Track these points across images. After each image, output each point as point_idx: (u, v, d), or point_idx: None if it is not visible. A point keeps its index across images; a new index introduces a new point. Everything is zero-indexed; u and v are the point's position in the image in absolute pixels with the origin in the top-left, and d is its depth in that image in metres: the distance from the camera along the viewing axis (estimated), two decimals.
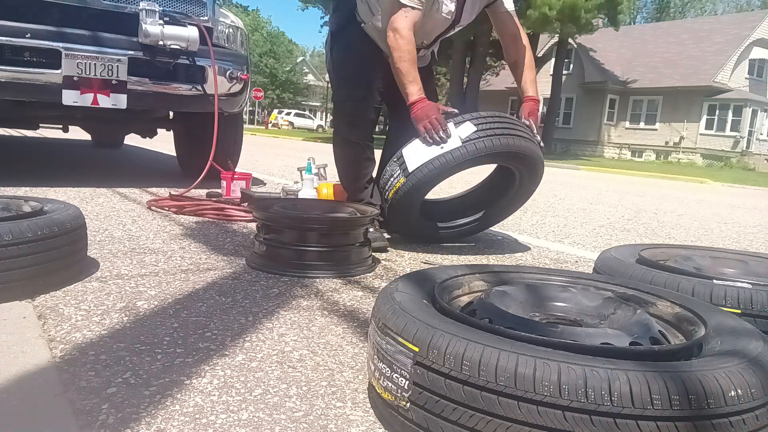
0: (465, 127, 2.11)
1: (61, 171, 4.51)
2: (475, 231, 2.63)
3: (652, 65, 26.03)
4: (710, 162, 23.16)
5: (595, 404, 0.73)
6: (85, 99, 3.19)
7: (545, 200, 5.10)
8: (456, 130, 2.12)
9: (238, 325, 1.38)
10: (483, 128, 2.12)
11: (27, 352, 1.14)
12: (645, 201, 6.16)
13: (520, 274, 1.28)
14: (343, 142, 2.49)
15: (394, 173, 2.18)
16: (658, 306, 1.13)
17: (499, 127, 2.15)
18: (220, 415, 0.96)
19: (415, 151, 2.14)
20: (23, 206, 1.65)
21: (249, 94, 4.08)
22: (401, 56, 2.14)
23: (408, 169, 2.13)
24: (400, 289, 1.04)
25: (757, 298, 1.28)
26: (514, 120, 2.26)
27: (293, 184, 3.12)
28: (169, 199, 3.00)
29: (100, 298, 1.49)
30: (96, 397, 0.98)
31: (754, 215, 5.55)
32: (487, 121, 2.15)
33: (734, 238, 3.69)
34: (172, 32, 3.31)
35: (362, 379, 1.13)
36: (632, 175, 13.47)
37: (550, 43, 25.60)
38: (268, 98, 45.74)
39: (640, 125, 26.31)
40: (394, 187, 2.18)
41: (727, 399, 0.74)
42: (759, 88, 25.07)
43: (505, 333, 0.86)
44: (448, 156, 2.09)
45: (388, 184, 2.21)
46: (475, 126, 2.12)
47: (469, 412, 0.79)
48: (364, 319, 1.49)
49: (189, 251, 2.09)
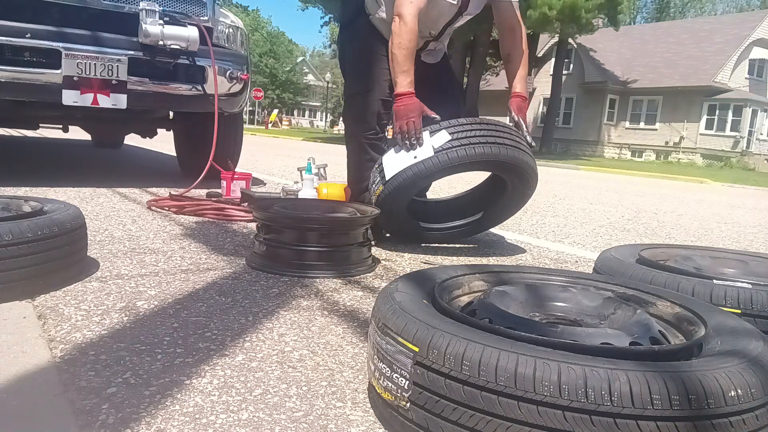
0: (440, 136, 2.08)
1: (61, 171, 4.51)
2: (469, 234, 2.62)
3: (652, 65, 26.03)
4: (710, 162, 23.17)
5: (595, 404, 0.73)
6: (85, 99, 3.19)
7: (545, 200, 5.10)
8: (430, 139, 2.08)
9: (238, 325, 1.38)
10: (458, 137, 2.07)
11: (27, 352, 1.14)
12: (645, 201, 6.16)
13: (520, 274, 1.28)
14: (349, 138, 2.49)
15: (375, 180, 2.19)
16: (658, 306, 1.13)
17: (477, 135, 2.09)
18: (220, 415, 0.96)
19: (392, 159, 2.13)
20: (23, 206, 1.65)
21: (249, 94, 4.08)
22: (400, 43, 2.09)
23: (385, 177, 2.13)
24: (400, 289, 1.04)
25: (757, 298, 1.28)
26: (498, 126, 2.19)
27: (293, 184, 3.12)
28: (169, 199, 3.00)
29: (100, 298, 1.49)
30: (96, 397, 0.98)
31: (754, 215, 5.55)
32: (464, 129, 2.10)
33: (734, 238, 3.69)
34: (172, 32, 3.31)
35: (362, 379, 1.13)
36: (632, 175, 13.47)
37: (550, 43, 25.61)
38: (268, 98, 45.75)
39: (640, 125, 26.33)
40: (375, 193, 2.19)
41: (727, 399, 0.74)
42: (759, 88, 25.08)
43: (505, 333, 0.86)
44: (420, 166, 2.07)
45: (372, 190, 2.22)
46: (450, 135, 2.07)
47: (469, 412, 0.79)
48: (364, 319, 1.49)
49: (189, 251, 2.09)
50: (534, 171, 2.29)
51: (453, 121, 2.13)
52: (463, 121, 2.14)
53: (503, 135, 2.16)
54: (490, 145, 2.10)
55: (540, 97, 27.07)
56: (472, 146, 2.07)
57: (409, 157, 2.09)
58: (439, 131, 2.10)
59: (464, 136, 2.08)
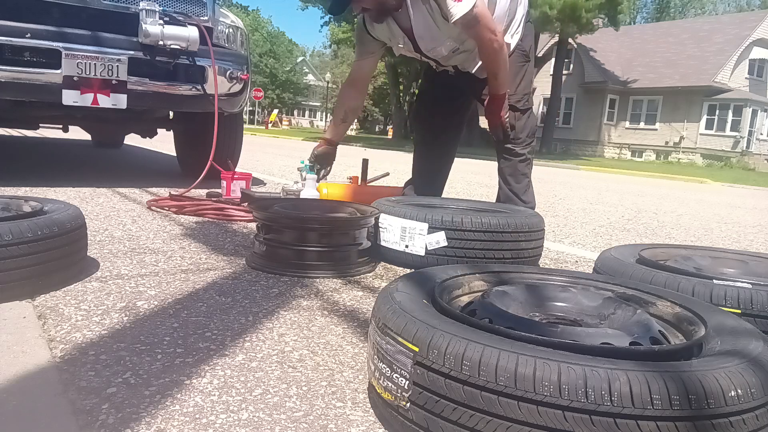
0: (437, 237, 1.92)
1: (61, 171, 4.51)
2: None
3: (652, 65, 26.04)
4: (710, 162, 23.17)
5: (595, 404, 0.73)
6: (85, 99, 3.19)
7: (545, 200, 5.10)
8: (425, 238, 1.92)
9: (238, 325, 1.38)
10: (456, 246, 1.89)
11: (27, 352, 1.14)
12: (645, 201, 6.16)
13: (520, 274, 1.28)
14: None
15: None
16: (658, 306, 1.13)
17: (476, 248, 1.90)
18: (220, 415, 0.96)
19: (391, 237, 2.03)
20: (23, 206, 1.65)
21: (249, 94, 4.08)
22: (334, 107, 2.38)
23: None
24: (400, 289, 1.04)
25: (757, 298, 1.28)
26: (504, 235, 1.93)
27: (293, 184, 3.11)
28: (169, 199, 3.00)
29: (100, 298, 1.49)
30: (96, 397, 0.98)
31: (754, 215, 5.55)
32: (465, 239, 1.88)
33: (734, 238, 3.69)
34: (172, 32, 3.31)
35: (362, 379, 1.13)
36: (632, 175, 13.48)
37: (550, 43, 25.60)
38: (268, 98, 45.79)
39: (640, 125, 26.33)
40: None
41: (727, 399, 0.74)
42: (759, 88, 25.08)
43: (505, 333, 0.86)
44: (409, 257, 1.98)
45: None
46: (447, 241, 1.90)
47: (469, 412, 0.79)
48: (364, 319, 1.49)
49: (189, 251, 2.09)
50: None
51: (459, 221, 1.91)
52: (468, 225, 1.91)
53: (505, 247, 1.95)
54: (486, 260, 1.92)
55: (540, 97, 27.06)
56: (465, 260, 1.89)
57: (401, 244, 1.99)
58: (438, 231, 1.91)
59: (461, 246, 1.91)
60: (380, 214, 2.06)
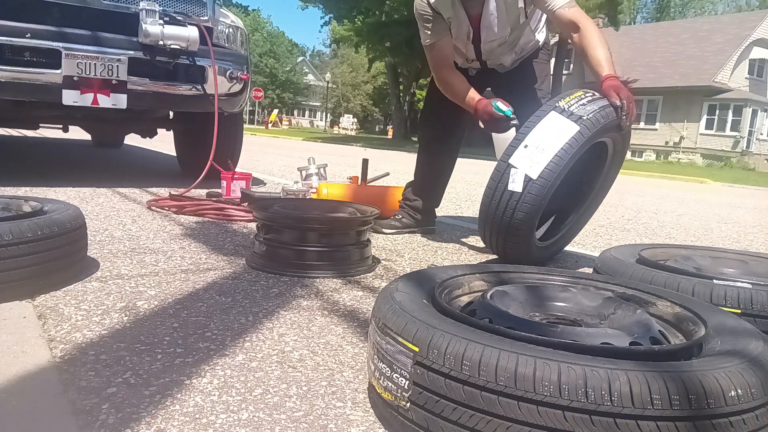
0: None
1: (61, 171, 4.51)
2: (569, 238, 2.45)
3: (652, 65, 26.04)
4: (710, 162, 23.17)
5: (595, 404, 0.73)
6: (85, 99, 3.19)
7: None
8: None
9: (238, 325, 1.38)
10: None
11: (27, 352, 1.14)
12: (645, 201, 6.16)
13: (520, 274, 1.28)
14: None
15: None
16: (658, 306, 1.13)
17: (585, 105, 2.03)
18: (220, 415, 0.96)
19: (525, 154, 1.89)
20: (23, 206, 1.65)
21: (249, 94, 4.08)
22: (453, 96, 2.35)
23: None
24: (400, 289, 1.04)
25: (757, 298, 1.28)
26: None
27: (293, 184, 3.11)
28: (169, 199, 3.00)
29: (100, 298, 1.49)
30: (96, 397, 0.98)
31: (754, 215, 5.55)
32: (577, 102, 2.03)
33: (734, 238, 3.69)
34: (172, 32, 3.31)
35: (362, 379, 1.13)
36: (632, 175, 13.46)
37: (550, 43, 25.58)
38: (268, 98, 45.81)
39: (640, 125, 26.29)
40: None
41: (727, 399, 0.74)
42: (759, 88, 25.08)
43: (505, 333, 0.86)
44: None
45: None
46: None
47: (469, 412, 0.79)
48: (364, 319, 1.49)
49: (189, 251, 2.09)
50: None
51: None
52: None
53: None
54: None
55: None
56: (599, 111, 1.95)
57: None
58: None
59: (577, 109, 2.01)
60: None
